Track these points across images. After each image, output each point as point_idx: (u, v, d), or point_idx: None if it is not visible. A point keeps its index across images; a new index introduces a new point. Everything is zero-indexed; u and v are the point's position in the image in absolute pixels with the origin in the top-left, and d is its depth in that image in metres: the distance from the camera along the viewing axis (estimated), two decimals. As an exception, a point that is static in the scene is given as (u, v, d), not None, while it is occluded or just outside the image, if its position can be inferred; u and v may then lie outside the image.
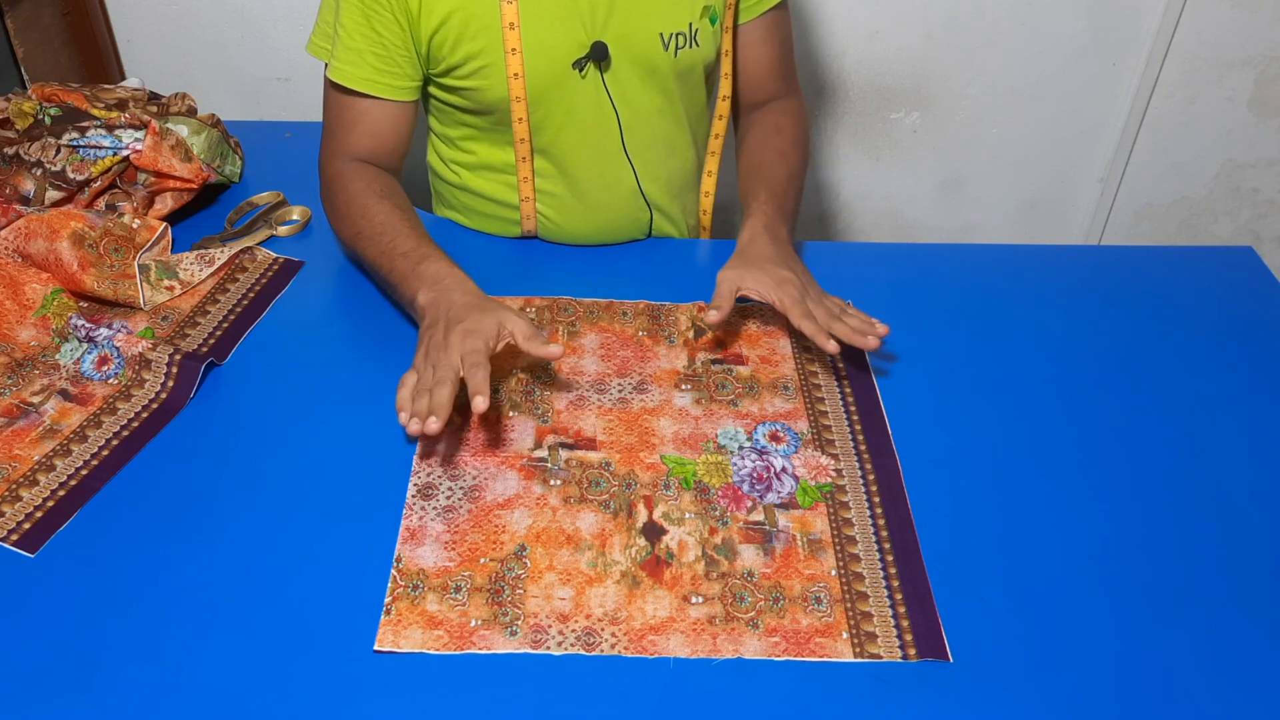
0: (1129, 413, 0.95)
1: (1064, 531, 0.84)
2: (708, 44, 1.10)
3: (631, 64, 1.07)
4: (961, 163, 1.86)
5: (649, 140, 1.14)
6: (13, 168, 1.12)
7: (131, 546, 0.81)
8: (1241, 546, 0.83)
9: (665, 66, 1.09)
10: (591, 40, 1.05)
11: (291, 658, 0.73)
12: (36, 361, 0.97)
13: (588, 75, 1.06)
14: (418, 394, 0.86)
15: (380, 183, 1.07)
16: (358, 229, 1.04)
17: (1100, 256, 1.23)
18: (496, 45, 1.03)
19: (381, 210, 1.04)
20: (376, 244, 1.02)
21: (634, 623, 0.76)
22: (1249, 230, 1.96)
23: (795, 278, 0.99)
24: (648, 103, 1.11)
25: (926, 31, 1.69)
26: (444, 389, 0.84)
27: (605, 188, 1.15)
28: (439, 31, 1.02)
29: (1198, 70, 1.74)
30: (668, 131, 1.15)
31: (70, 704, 0.70)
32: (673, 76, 1.10)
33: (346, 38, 1.04)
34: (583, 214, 1.16)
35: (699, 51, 1.09)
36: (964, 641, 0.75)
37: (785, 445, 0.91)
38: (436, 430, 0.82)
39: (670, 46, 1.07)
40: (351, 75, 1.05)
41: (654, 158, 1.15)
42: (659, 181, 1.17)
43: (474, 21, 1.02)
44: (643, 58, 1.07)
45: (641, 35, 1.06)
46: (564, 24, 1.03)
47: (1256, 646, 0.76)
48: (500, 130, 1.11)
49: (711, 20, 1.09)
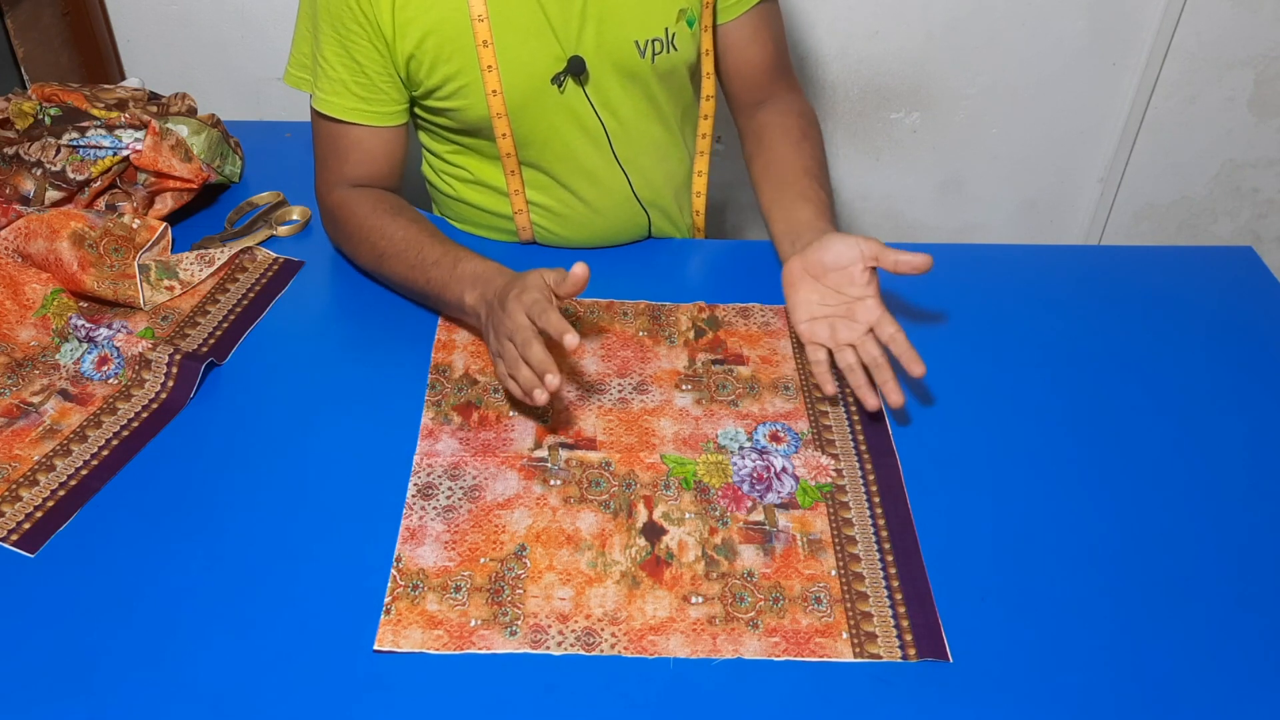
0: (1129, 413, 0.95)
1: (1064, 532, 0.84)
2: (686, 47, 1.09)
3: (611, 74, 1.07)
4: (961, 163, 1.86)
5: (640, 146, 1.13)
6: (13, 168, 1.12)
7: (131, 547, 0.81)
8: (1241, 546, 0.83)
9: (645, 73, 1.08)
10: (568, 54, 1.04)
11: (291, 657, 0.73)
12: (36, 361, 0.97)
13: (567, 89, 1.06)
14: (511, 368, 0.87)
15: (387, 201, 1.07)
16: (379, 251, 1.04)
17: (1100, 256, 1.23)
18: (472, 64, 1.02)
19: (399, 227, 1.03)
20: (404, 260, 1.02)
21: (634, 623, 0.76)
22: (1249, 230, 1.96)
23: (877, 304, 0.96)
24: (633, 110, 1.10)
25: (926, 31, 1.69)
26: (533, 348, 0.85)
27: (600, 196, 1.14)
28: (414, 56, 1.02)
29: (1198, 70, 1.74)
30: (657, 135, 1.15)
31: (70, 704, 0.70)
32: (655, 82, 1.10)
33: (328, 68, 1.04)
34: (579, 222, 1.15)
35: (678, 55, 1.09)
36: (964, 641, 0.75)
37: (785, 445, 0.91)
38: (557, 385, 0.84)
39: (647, 53, 1.06)
40: (338, 106, 1.05)
41: (647, 162, 1.15)
42: (654, 184, 1.17)
43: (448, 43, 1.01)
44: (621, 67, 1.07)
45: (617, 45, 1.05)
46: (537, 39, 1.03)
47: (1256, 647, 0.76)
48: (486, 146, 1.10)
49: (689, 23, 1.08)
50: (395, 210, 1.06)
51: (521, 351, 0.86)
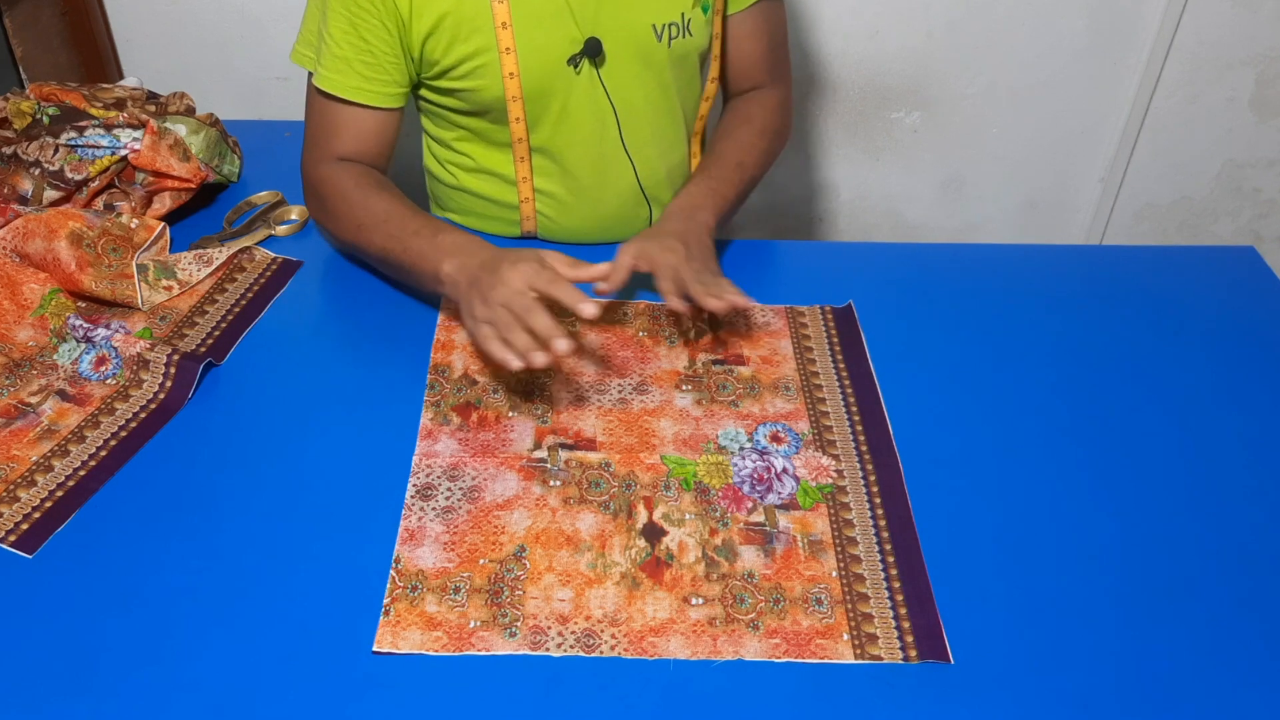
0: (1129, 413, 0.95)
1: (1065, 532, 0.84)
2: (700, 32, 1.10)
3: (626, 57, 1.07)
4: (961, 163, 1.86)
5: (647, 134, 1.14)
6: (11, 167, 1.12)
7: (129, 547, 0.81)
8: (1241, 547, 0.83)
9: (660, 58, 1.09)
10: (584, 36, 1.05)
11: (290, 659, 0.73)
12: (34, 362, 0.97)
13: (583, 71, 1.06)
14: (507, 333, 0.86)
15: (371, 177, 1.07)
16: (359, 221, 1.04)
17: (1100, 256, 1.22)
18: (490, 45, 1.03)
19: (381, 200, 1.03)
20: (383, 230, 1.01)
21: (634, 624, 0.76)
22: (1250, 230, 1.96)
23: (682, 248, 0.99)
24: (643, 96, 1.11)
25: (927, 31, 1.69)
26: (537, 313, 0.84)
27: (605, 184, 1.15)
28: (432, 35, 1.02)
29: (1198, 70, 1.74)
30: (664, 125, 1.15)
31: (69, 705, 0.70)
32: (668, 67, 1.10)
33: (333, 45, 1.03)
34: (583, 212, 1.16)
35: (692, 40, 1.10)
36: (965, 643, 0.75)
37: (786, 446, 0.91)
38: (568, 350, 0.83)
39: (664, 37, 1.07)
40: (339, 84, 1.05)
41: (653, 152, 1.16)
42: (658, 176, 1.17)
43: (466, 23, 1.02)
44: (637, 50, 1.07)
45: (634, 28, 1.06)
46: (555, 21, 1.03)
47: (1256, 647, 0.75)
48: (496, 131, 1.10)
49: (704, 9, 1.09)
50: (378, 185, 1.06)
51: (523, 316, 0.85)
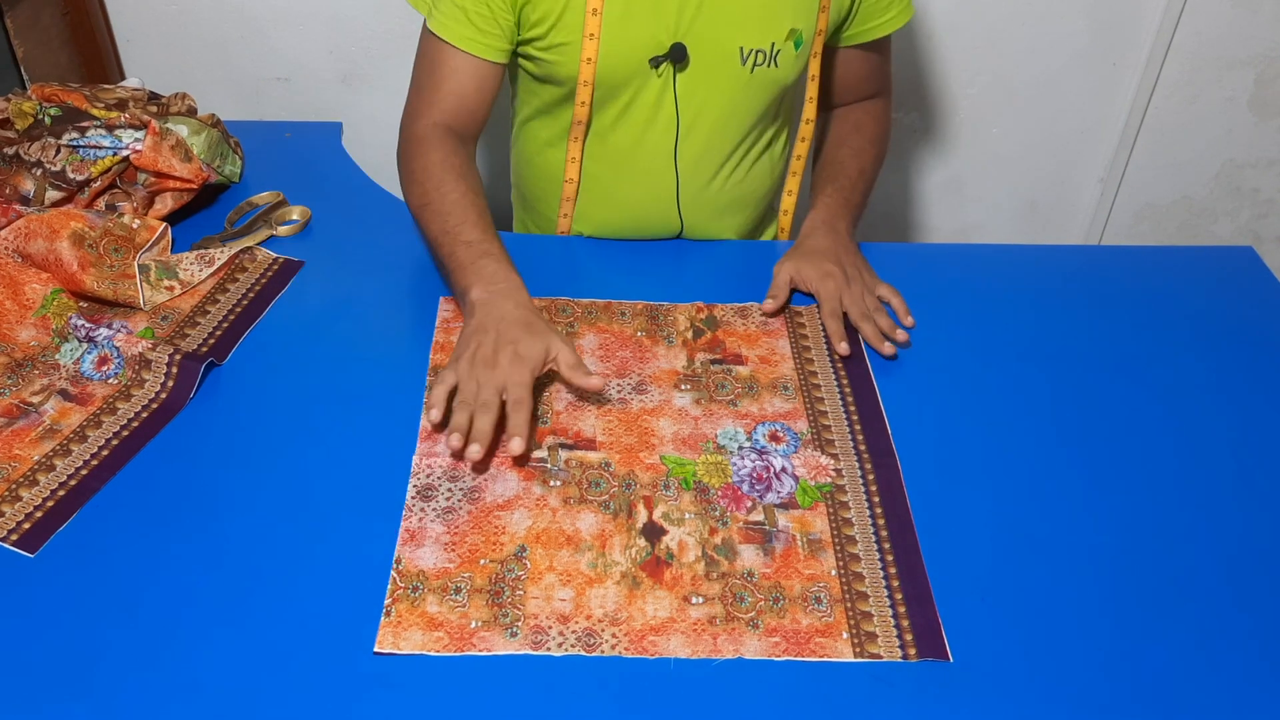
0: (1129, 413, 0.95)
1: (1064, 531, 0.84)
2: (788, 66, 1.10)
3: (706, 72, 1.08)
4: (961, 163, 1.86)
5: (700, 151, 1.14)
6: (12, 168, 1.12)
7: (131, 547, 0.81)
8: (1241, 547, 0.83)
9: (739, 80, 1.09)
10: (671, 41, 1.06)
11: (291, 659, 0.73)
12: (36, 361, 0.97)
13: (662, 74, 1.07)
14: (459, 406, 0.86)
15: (458, 158, 1.08)
16: (428, 199, 1.05)
17: (1100, 256, 1.23)
18: (577, 27, 1.04)
19: (456, 190, 1.04)
20: (441, 222, 1.03)
21: (634, 623, 0.76)
22: (1249, 230, 1.96)
23: (840, 271, 1.05)
24: (710, 115, 1.12)
25: (926, 31, 1.69)
26: (487, 417, 0.85)
27: (645, 189, 1.16)
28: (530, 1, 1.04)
29: (1198, 70, 1.74)
30: (721, 148, 1.15)
31: (69, 705, 0.70)
32: (742, 92, 1.11)
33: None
34: (617, 204, 1.18)
35: (776, 72, 1.10)
36: (964, 641, 0.75)
37: (785, 445, 0.91)
38: (478, 458, 0.83)
39: (748, 62, 1.08)
40: (453, 30, 1.06)
41: (702, 172, 1.16)
42: (699, 199, 1.18)
43: None
44: (719, 68, 1.08)
45: (722, 45, 1.07)
46: (648, 20, 1.05)
47: (1255, 647, 0.76)
48: (562, 110, 1.13)
49: (796, 44, 1.09)
50: (461, 172, 1.07)
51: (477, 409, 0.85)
